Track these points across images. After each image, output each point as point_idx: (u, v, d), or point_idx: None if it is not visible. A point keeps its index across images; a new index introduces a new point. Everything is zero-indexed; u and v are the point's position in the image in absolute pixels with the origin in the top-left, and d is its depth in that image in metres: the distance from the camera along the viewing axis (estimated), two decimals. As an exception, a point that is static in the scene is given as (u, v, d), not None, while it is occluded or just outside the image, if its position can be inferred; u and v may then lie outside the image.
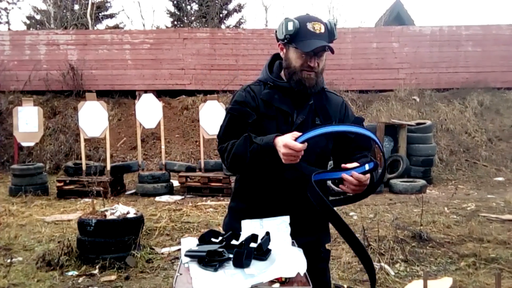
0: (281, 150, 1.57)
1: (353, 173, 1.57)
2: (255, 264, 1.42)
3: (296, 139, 1.55)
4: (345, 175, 1.58)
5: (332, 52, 1.72)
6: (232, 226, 1.75)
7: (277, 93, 1.81)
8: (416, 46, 11.63)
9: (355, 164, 1.60)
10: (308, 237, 1.78)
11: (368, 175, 1.60)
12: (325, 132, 1.58)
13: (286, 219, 1.70)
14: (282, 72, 1.85)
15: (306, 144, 1.55)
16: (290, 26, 1.71)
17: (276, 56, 1.92)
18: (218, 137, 1.87)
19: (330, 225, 1.71)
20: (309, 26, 1.71)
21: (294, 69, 1.76)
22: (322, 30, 1.72)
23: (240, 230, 1.67)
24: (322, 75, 1.82)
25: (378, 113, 10.92)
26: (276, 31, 1.81)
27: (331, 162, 1.96)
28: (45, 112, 10.26)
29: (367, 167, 1.59)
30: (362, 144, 1.83)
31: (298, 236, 1.69)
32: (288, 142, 1.55)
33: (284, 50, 1.81)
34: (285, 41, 1.76)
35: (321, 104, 1.83)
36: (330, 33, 1.75)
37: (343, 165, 1.61)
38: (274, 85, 1.82)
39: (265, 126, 1.77)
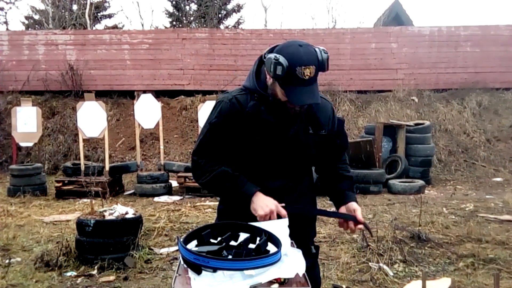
0: (259, 212, 1.66)
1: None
2: (254, 265, 1.42)
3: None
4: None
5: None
6: None
7: (264, 105, 1.74)
8: (414, 46, 11.64)
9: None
10: (294, 236, 1.76)
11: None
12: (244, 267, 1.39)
13: (285, 220, 1.70)
14: None
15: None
16: (279, 71, 1.60)
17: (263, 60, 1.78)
18: (195, 149, 1.83)
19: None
20: (299, 71, 1.60)
21: (279, 100, 1.70)
22: (312, 74, 1.62)
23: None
24: None
25: (377, 113, 10.94)
26: (264, 56, 1.71)
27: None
28: (43, 112, 10.24)
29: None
30: (343, 144, 1.95)
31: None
32: (276, 209, 1.67)
33: (271, 80, 1.71)
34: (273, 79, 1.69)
35: (311, 112, 1.79)
36: (321, 65, 1.65)
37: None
38: (260, 97, 1.75)
39: (252, 139, 1.74)
